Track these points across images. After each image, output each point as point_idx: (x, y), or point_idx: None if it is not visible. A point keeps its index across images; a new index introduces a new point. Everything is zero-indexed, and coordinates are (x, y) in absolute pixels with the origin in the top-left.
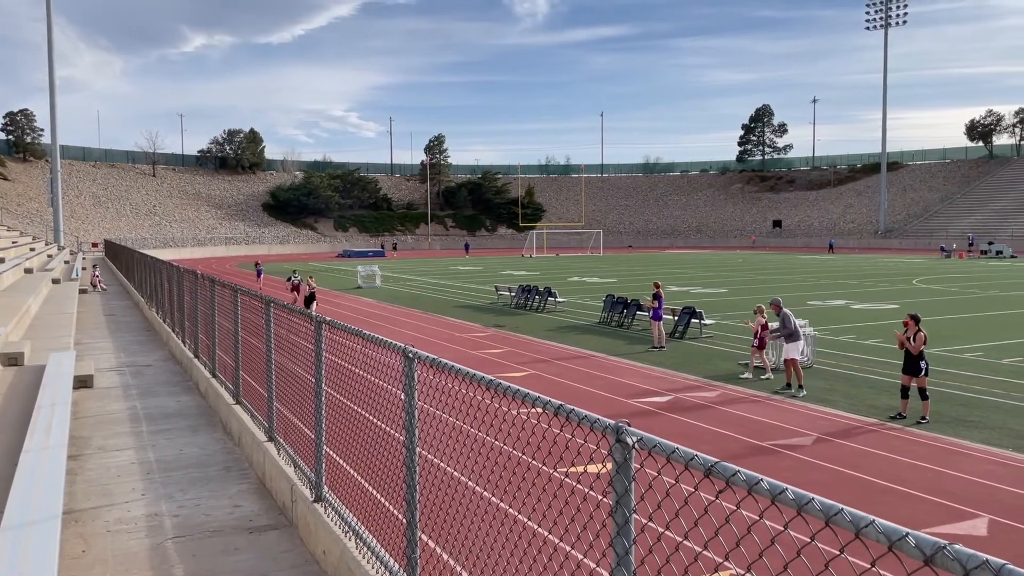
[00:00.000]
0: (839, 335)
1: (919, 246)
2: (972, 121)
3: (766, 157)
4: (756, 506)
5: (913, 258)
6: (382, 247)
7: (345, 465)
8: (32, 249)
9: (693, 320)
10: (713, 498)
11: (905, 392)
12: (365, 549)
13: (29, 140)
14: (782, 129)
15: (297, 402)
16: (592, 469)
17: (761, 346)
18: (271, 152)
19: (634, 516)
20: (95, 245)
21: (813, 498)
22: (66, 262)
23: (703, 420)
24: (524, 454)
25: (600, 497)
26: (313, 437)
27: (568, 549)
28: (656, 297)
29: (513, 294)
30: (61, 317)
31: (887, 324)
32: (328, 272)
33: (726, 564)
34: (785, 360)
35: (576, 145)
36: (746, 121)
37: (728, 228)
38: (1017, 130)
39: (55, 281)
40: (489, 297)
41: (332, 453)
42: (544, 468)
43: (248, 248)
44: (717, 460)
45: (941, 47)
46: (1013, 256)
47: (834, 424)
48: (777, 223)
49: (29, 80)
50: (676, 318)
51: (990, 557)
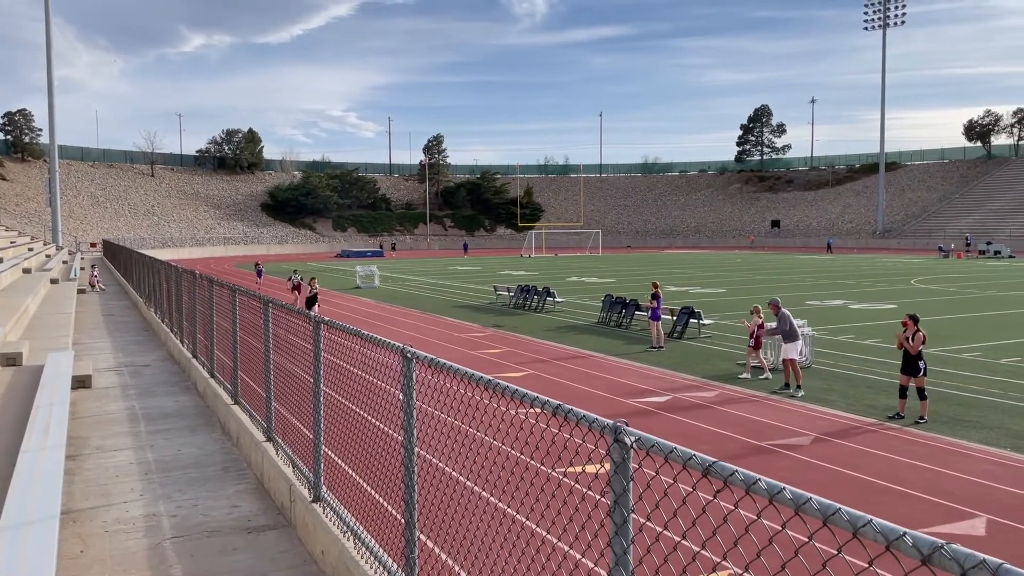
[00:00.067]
0: (837, 335)
1: (917, 246)
2: (970, 121)
3: (765, 157)
4: (754, 506)
5: (911, 258)
6: (381, 247)
7: (343, 465)
8: (30, 249)
9: (692, 320)
10: (711, 498)
11: (903, 392)
12: (363, 549)
13: (27, 140)
14: (781, 129)
15: (295, 402)
16: (590, 469)
17: (757, 346)
18: (270, 152)
19: (632, 516)
20: (93, 245)
21: (811, 498)
22: (64, 262)
23: (701, 420)
24: (523, 454)
25: (598, 497)
26: (311, 437)
27: (566, 549)
28: (655, 297)
29: (512, 294)
30: (59, 317)
31: (885, 324)
32: (327, 272)
33: (724, 563)
34: (783, 360)
35: (575, 145)
36: (745, 121)
37: (727, 228)
38: (1015, 130)
39: (53, 281)
40: (488, 297)
41: (330, 453)
42: (542, 468)
43: (246, 248)
44: (715, 460)
45: (939, 47)
46: (1011, 256)
47: (832, 424)
48: (776, 223)
49: (27, 80)
50: (675, 318)
51: (987, 556)
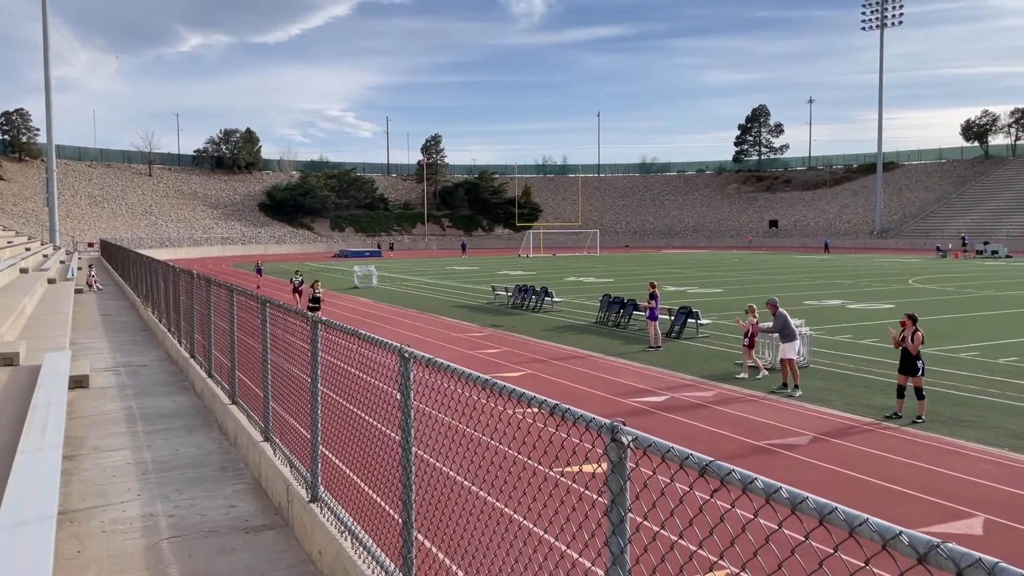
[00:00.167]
0: (835, 335)
1: (915, 246)
2: (968, 121)
3: (762, 157)
4: (751, 505)
5: (909, 258)
6: (379, 247)
7: (341, 465)
8: (28, 249)
9: (690, 320)
10: (708, 497)
11: (901, 392)
12: (361, 549)
13: (25, 140)
14: (778, 129)
15: (293, 402)
16: (588, 468)
17: (751, 345)
18: (267, 152)
19: (629, 515)
20: (91, 245)
21: (807, 497)
22: (62, 262)
23: (699, 420)
24: (520, 454)
25: (595, 496)
26: (309, 437)
27: (564, 548)
28: (652, 297)
29: (510, 294)
30: (57, 317)
31: (883, 324)
32: (325, 272)
33: (721, 563)
34: (781, 360)
35: (573, 145)
36: (742, 121)
37: (725, 228)
38: (1012, 130)
39: (51, 281)
40: (486, 297)
41: (328, 453)
42: (540, 467)
43: (244, 248)
44: (712, 459)
45: (937, 47)
46: (1009, 256)
47: (830, 424)
48: (773, 223)
49: (25, 79)
50: (672, 318)
51: (983, 555)
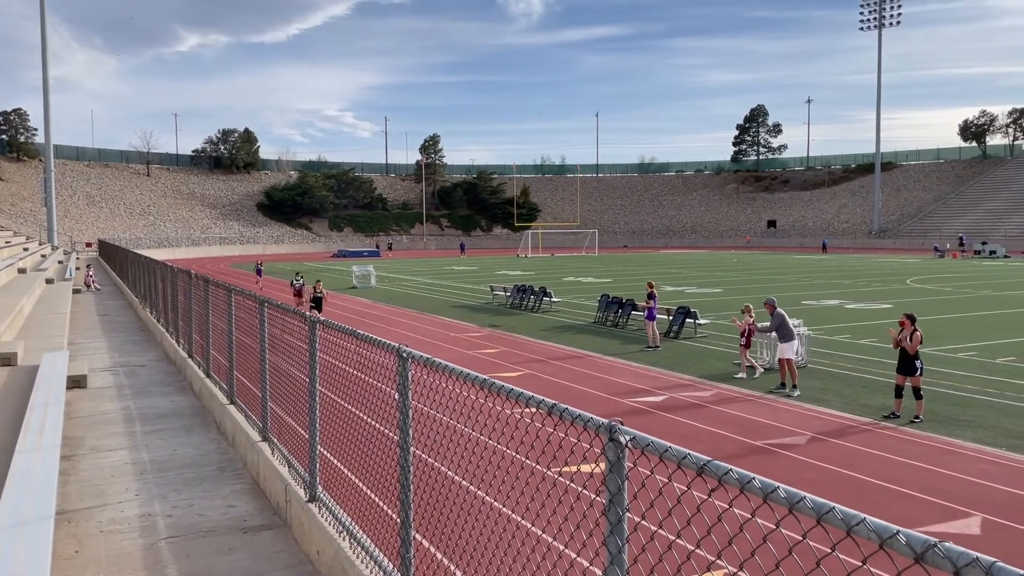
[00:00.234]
0: (833, 335)
1: (913, 246)
2: (966, 121)
3: (761, 157)
4: (748, 504)
5: (907, 258)
6: (377, 247)
7: (339, 465)
8: (25, 249)
9: (688, 320)
10: (706, 497)
11: (899, 391)
12: (359, 549)
13: (23, 140)
14: (777, 129)
15: (291, 402)
16: (586, 468)
17: (748, 345)
18: (266, 152)
19: (627, 515)
20: (89, 245)
21: (804, 496)
22: (60, 262)
23: (697, 419)
24: (518, 453)
25: (593, 496)
26: (307, 437)
27: (562, 548)
28: (650, 297)
29: (508, 294)
30: (55, 317)
31: (881, 324)
32: (323, 272)
33: (719, 562)
34: (779, 360)
35: (571, 145)
36: (741, 121)
37: (723, 228)
38: (1010, 130)
39: (49, 281)
40: (484, 297)
41: (326, 453)
42: (538, 467)
43: (242, 248)
44: (709, 459)
45: (935, 47)
46: (1007, 256)
47: (828, 423)
48: (772, 223)
49: (23, 79)
50: (671, 318)
51: (980, 555)
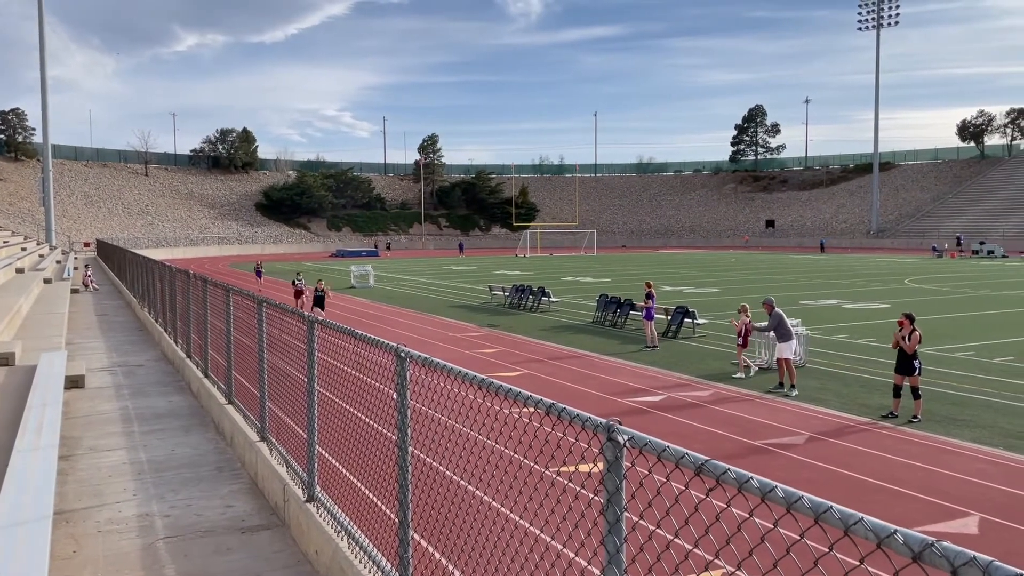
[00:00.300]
0: (831, 334)
1: (911, 246)
2: (963, 121)
3: (759, 157)
4: (746, 504)
5: (905, 258)
6: (375, 247)
7: (337, 465)
8: (23, 249)
9: (686, 319)
10: (704, 496)
11: (897, 391)
12: (357, 549)
13: (21, 139)
14: (775, 129)
15: (289, 402)
16: (584, 468)
17: (745, 344)
18: (264, 152)
19: (625, 514)
20: (87, 245)
21: (802, 496)
22: (58, 262)
23: (696, 419)
24: (517, 453)
25: (592, 496)
26: (305, 437)
27: (560, 547)
28: (649, 296)
29: (507, 294)
30: (52, 317)
31: (879, 324)
32: (322, 272)
33: (717, 562)
34: (777, 359)
35: (570, 145)
36: (739, 121)
37: (721, 228)
38: (1008, 130)
39: (47, 281)
40: (483, 297)
41: (324, 453)
42: (536, 467)
43: (241, 248)
44: (707, 458)
45: (933, 48)
46: (1004, 256)
47: (826, 423)
48: (770, 223)
49: (21, 79)
50: (669, 318)
51: (978, 554)
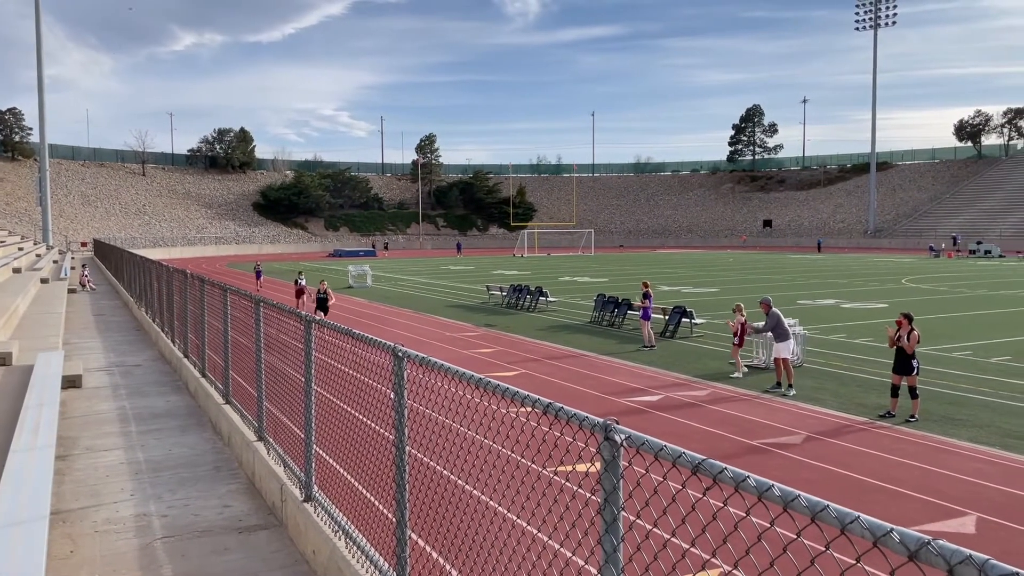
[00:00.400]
0: (829, 334)
1: (908, 246)
2: (961, 121)
3: (756, 157)
4: (743, 503)
5: (902, 257)
6: (373, 247)
7: (335, 464)
8: (20, 248)
9: (684, 319)
10: (701, 495)
11: (895, 391)
12: (355, 548)
13: (17, 139)
14: (772, 129)
15: (287, 402)
16: (581, 467)
17: (740, 344)
18: (261, 151)
19: (622, 514)
20: (84, 244)
21: (799, 495)
22: (55, 262)
23: (693, 419)
24: (514, 453)
25: (589, 495)
26: (303, 436)
27: (557, 547)
28: (646, 296)
29: (504, 294)
30: (49, 317)
31: (877, 323)
32: (320, 272)
33: (714, 561)
34: (775, 359)
35: (567, 145)
36: (736, 121)
37: (719, 228)
38: (1005, 130)
39: (43, 281)
40: (481, 297)
41: (322, 452)
42: (534, 467)
43: (238, 248)
44: (704, 458)
45: (930, 48)
46: (1001, 256)
47: (824, 423)
48: (767, 223)
49: (18, 79)
50: (667, 317)
51: (973, 552)
